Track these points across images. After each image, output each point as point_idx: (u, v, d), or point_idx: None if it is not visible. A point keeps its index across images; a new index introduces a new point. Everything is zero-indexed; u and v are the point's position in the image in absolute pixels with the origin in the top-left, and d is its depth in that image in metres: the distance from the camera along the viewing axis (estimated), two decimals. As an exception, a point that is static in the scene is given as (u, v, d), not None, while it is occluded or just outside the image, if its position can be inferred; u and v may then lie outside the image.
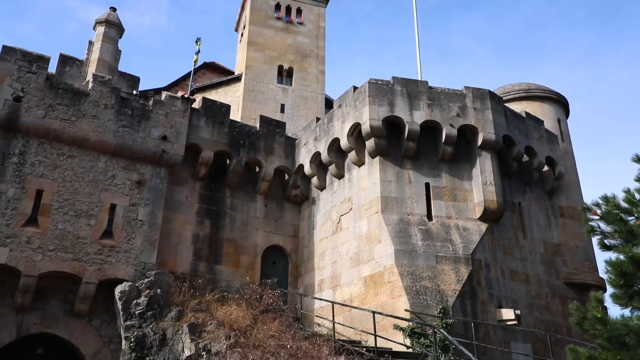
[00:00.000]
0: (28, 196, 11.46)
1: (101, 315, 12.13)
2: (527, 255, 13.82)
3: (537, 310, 13.15)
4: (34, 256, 11.09)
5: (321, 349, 9.10)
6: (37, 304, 11.55)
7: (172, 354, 10.45)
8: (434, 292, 11.46)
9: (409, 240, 12.19)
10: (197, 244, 14.09)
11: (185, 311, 11.29)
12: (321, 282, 14.22)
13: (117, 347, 11.79)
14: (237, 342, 10.23)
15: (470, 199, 13.06)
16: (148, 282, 11.57)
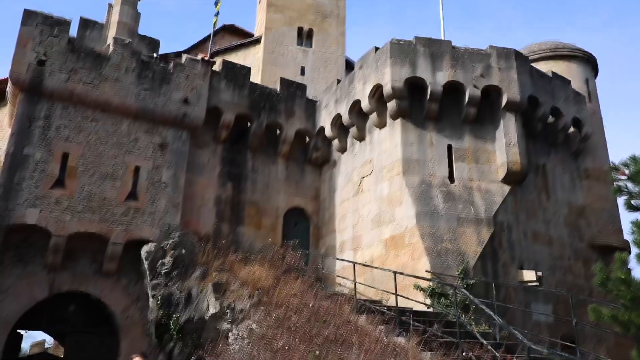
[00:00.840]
0: (55, 159, 11.69)
1: (129, 274, 12.49)
2: (551, 218, 13.70)
3: (559, 272, 13.12)
4: (63, 217, 11.39)
5: (342, 307, 9.25)
6: (67, 263, 11.93)
7: (198, 312, 10.75)
8: (455, 254, 11.50)
9: (431, 202, 12.17)
10: (219, 206, 14.29)
11: (210, 271, 11.54)
12: (342, 243, 14.35)
13: (144, 304, 12.18)
14: (260, 300, 10.46)
15: (493, 161, 12.90)
16: (173, 242, 11.82)
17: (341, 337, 7.80)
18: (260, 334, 8.86)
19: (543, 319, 11.93)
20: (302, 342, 7.80)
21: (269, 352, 8.00)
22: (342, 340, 7.75)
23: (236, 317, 10.42)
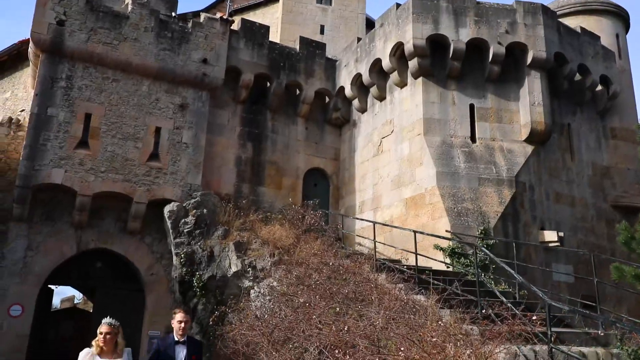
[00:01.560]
0: (77, 120, 11.82)
1: (152, 233, 12.77)
2: (574, 178, 13.49)
3: (581, 232, 13.01)
4: (87, 177, 11.61)
5: (362, 266, 9.36)
6: (93, 221, 12.23)
7: (220, 270, 10.98)
8: (475, 214, 11.46)
9: (451, 163, 12.06)
10: (240, 166, 14.38)
11: (231, 230, 11.72)
12: (362, 203, 14.39)
13: (168, 262, 12.49)
14: (281, 259, 10.63)
15: (517, 121, 12.66)
16: (195, 202, 11.98)
17: (361, 295, 7.91)
18: (281, 291, 9.03)
19: (563, 279, 11.92)
20: (323, 299, 7.93)
21: (290, 308, 8.16)
22: (361, 297, 7.85)
23: (257, 275, 10.64)
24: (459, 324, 6.23)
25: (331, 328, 6.89)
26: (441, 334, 5.51)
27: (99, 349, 5.08)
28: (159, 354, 5.51)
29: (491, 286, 7.75)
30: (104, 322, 5.22)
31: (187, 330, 5.66)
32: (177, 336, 5.58)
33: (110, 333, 5.13)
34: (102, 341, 5.06)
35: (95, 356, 5.05)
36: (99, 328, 5.20)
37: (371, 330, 6.47)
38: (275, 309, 8.43)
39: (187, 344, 5.58)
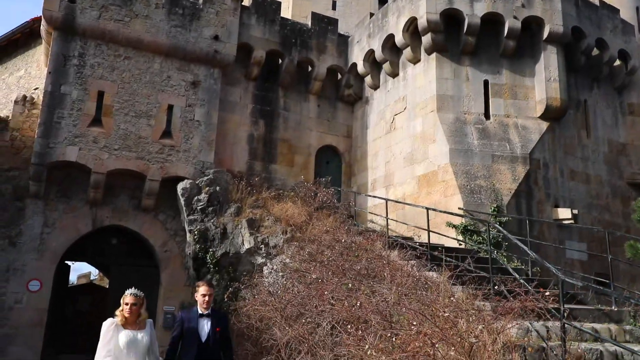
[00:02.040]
0: (90, 97, 11.86)
1: (166, 210, 12.89)
2: (590, 155, 13.32)
3: (595, 210, 12.89)
4: (101, 154, 11.69)
5: (374, 243, 9.38)
6: (108, 199, 12.37)
7: (233, 247, 11.08)
8: (488, 191, 11.39)
9: (465, 140, 11.96)
10: (252, 144, 14.40)
11: (244, 207, 11.78)
12: (374, 181, 14.37)
13: (182, 239, 12.62)
14: (294, 236, 10.68)
15: (532, 97, 12.48)
16: (207, 179, 12.04)
17: (373, 271, 7.96)
18: (294, 267, 9.11)
19: (576, 257, 11.87)
20: (335, 276, 7.99)
21: (302, 284, 8.24)
22: (374, 274, 7.90)
23: (270, 252, 10.72)
24: (471, 300, 6.25)
25: (343, 304, 6.95)
26: (453, 310, 5.54)
27: (123, 320, 5.01)
28: (183, 327, 5.41)
29: (504, 263, 7.74)
30: (129, 293, 5.13)
31: (210, 303, 5.52)
32: (201, 309, 5.47)
33: (135, 304, 5.07)
34: (128, 311, 4.98)
35: (119, 327, 4.96)
36: (122, 298, 5.12)
37: (383, 306, 6.52)
38: (288, 285, 8.52)
39: (211, 316, 5.48)
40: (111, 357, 4.74)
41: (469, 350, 4.77)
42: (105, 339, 4.83)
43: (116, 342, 4.82)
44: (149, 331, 5.11)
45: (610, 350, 5.53)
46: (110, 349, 4.79)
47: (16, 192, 11.79)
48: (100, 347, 4.81)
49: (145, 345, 4.97)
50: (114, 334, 4.86)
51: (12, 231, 11.59)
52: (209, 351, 5.30)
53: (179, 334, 5.39)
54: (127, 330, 4.92)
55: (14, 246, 11.55)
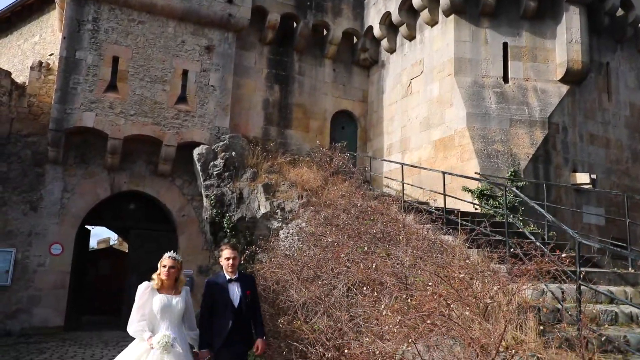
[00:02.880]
0: (105, 63, 11.86)
1: (182, 175, 13.01)
2: (610, 119, 13.05)
3: (614, 175, 12.71)
4: (117, 120, 11.77)
5: (390, 207, 9.39)
6: (125, 164, 12.51)
7: (249, 211, 11.18)
8: (505, 156, 11.28)
9: (482, 104, 11.78)
10: (267, 109, 14.36)
11: (259, 172, 11.83)
12: (390, 146, 14.29)
13: (198, 204, 12.77)
14: (309, 201, 10.73)
15: (552, 60, 12.18)
16: (223, 145, 12.08)
17: (388, 235, 7.98)
18: (310, 231, 9.18)
19: (594, 221, 11.79)
20: (351, 239, 8.03)
21: (318, 247, 8.31)
22: (389, 237, 7.93)
23: (286, 217, 10.81)
24: (486, 263, 6.26)
25: (359, 266, 7.01)
26: (469, 272, 5.56)
27: (159, 284, 4.77)
28: (212, 294, 5.13)
29: (520, 225, 7.71)
30: (167, 256, 4.91)
31: (236, 266, 5.26)
32: (228, 274, 5.21)
33: (173, 267, 4.82)
34: (165, 274, 4.75)
35: (154, 291, 4.73)
36: (160, 261, 4.90)
37: (399, 268, 6.57)
38: (304, 248, 8.60)
39: (239, 280, 5.24)
40: (145, 322, 4.58)
41: (483, 311, 4.81)
42: (140, 302, 4.67)
43: (150, 307, 4.64)
44: (185, 297, 4.88)
45: (625, 311, 5.54)
46: (144, 313, 4.62)
47: (35, 157, 11.98)
48: (135, 310, 4.66)
49: (179, 311, 4.76)
50: (148, 298, 4.68)
51: (33, 196, 11.83)
52: (243, 316, 5.12)
53: (209, 302, 5.11)
54: (162, 294, 4.73)
55: (35, 211, 11.80)
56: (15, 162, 11.86)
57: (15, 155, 11.89)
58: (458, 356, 4.52)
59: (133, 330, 4.58)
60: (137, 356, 4.43)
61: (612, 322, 5.38)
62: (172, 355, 4.40)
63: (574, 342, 4.46)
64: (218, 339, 4.92)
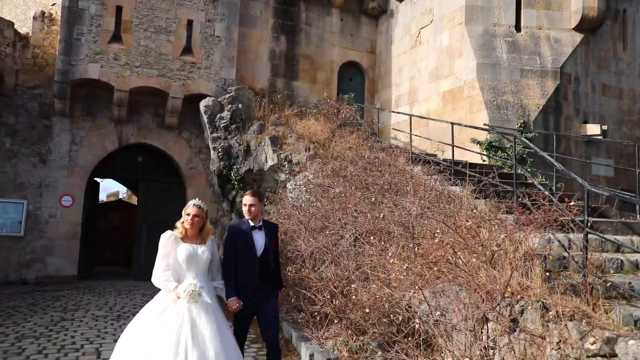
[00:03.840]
0: (109, 12, 11.63)
1: (189, 128, 12.99)
2: (624, 69, 12.75)
3: (626, 126, 12.54)
4: (123, 72, 11.65)
5: (398, 159, 9.36)
6: (132, 117, 12.48)
7: (257, 164, 11.20)
8: (515, 107, 11.12)
9: (493, 54, 11.52)
10: (273, 60, 14.14)
11: (266, 125, 11.77)
12: (398, 98, 14.12)
13: (206, 156, 12.80)
14: (316, 153, 10.71)
15: (567, 7, 11.80)
16: (229, 97, 11.98)
17: (396, 186, 7.99)
18: (317, 182, 9.20)
19: (602, 173, 11.72)
20: (358, 190, 8.06)
21: (325, 199, 8.36)
22: (396, 188, 7.94)
23: (293, 169, 10.82)
24: (494, 213, 6.28)
25: (366, 216, 7.06)
26: (476, 221, 5.58)
27: (183, 233, 4.47)
28: (235, 242, 4.80)
29: (528, 175, 7.68)
30: (192, 204, 4.56)
31: (257, 214, 4.86)
32: (251, 221, 4.85)
33: (197, 215, 4.47)
34: (189, 222, 4.43)
35: (178, 240, 4.43)
36: (184, 209, 4.56)
37: (406, 218, 6.61)
38: (312, 200, 8.66)
39: (264, 228, 4.89)
40: (170, 272, 4.33)
41: (490, 258, 4.86)
42: (164, 251, 4.40)
43: (175, 256, 4.38)
44: (211, 247, 4.60)
45: (631, 259, 5.58)
46: (169, 263, 4.36)
47: (42, 109, 11.97)
48: (159, 260, 4.39)
49: (205, 261, 4.49)
50: (172, 247, 4.40)
51: (41, 148, 11.89)
52: (269, 264, 4.84)
53: (232, 250, 4.80)
54: (186, 244, 4.43)
55: (44, 163, 11.89)
56: (23, 114, 11.86)
57: (22, 108, 11.87)
58: (464, 302, 4.60)
59: (158, 281, 4.33)
60: (164, 307, 4.22)
61: (617, 269, 5.42)
62: (200, 305, 4.19)
63: (579, 288, 4.51)
64: (243, 288, 4.70)
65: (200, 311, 4.18)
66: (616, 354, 3.58)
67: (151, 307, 4.29)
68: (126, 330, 4.25)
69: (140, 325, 4.18)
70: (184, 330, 4.06)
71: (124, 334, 4.23)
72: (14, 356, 5.97)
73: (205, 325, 4.14)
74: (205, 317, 4.17)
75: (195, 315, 4.15)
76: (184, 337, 4.03)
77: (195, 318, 4.14)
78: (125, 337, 4.17)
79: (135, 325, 4.21)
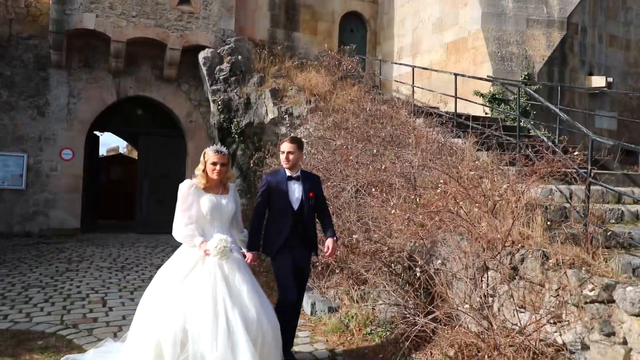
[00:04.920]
0: (103, -41, 11.26)
1: (189, 80, 12.81)
2: (633, 19, 12.45)
3: (631, 78, 12.35)
4: (119, 22, 11.38)
5: (400, 111, 9.26)
6: (130, 69, 12.29)
7: (257, 117, 11.10)
8: (520, 59, 10.92)
9: (499, 3, 11.22)
10: (273, 11, 13.79)
11: (266, 77, 11.59)
12: (400, 49, 13.86)
13: (206, 109, 12.68)
14: (317, 106, 10.59)
15: (576, -47, 11.41)
16: (229, 48, 11.74)
17: (398, 138, 7.94)
18: (319, 135, 9.14)
19: (605, 126, 11.64)
20: (359, 142, 8.01)
21: (327, 151, 8.32)
22: (398, 141, 7.89)
23: (294, 122, 10.73)
24: (496, 164, 6.26)
25: (368, 168, 7.04)
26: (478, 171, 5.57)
27: (204, 182, 4.00)
28: (269, 192, 4.38)
29: (532, 127, 7.62)
30: (214, 150, 4.05)
31: (296, 162, 4.42)
32: (288, 170, 4.42)
33: (224, 164, 4.02)
34: (218, 173, 3.97)
35: (199, 190, 3.98)
36: (204, 157, 4.05)
37: (408, 170, 6.59)
38: (313, 152, 8.62)
39: (302, 179, 4.45)
40: (193, 225, 3.90)
41: (492, 208, 4.87)
42: (185, 203, 3.94)
43: (198, 208, 3.94)
44: (234, 196, 4.20)
45: (631, 210, 5.60)
46: (191, 215, 3.93)
47: (38, 61, 11.76)
48: (180, 213, 3.94)
49: (230, 212, 4.09)
50: (194, 199, 3.95)
51: (39, 101, 11.76)
52: (303, 220, 4.41)
53: (264, 201, 4.40)
54: (209, 194, 4.00)
55: (43, 116, 11.79)
56: (19, 65, 11.66)
57: (17, 59, 11.67)
58: (465, 251, 4.64)
59: (181, 236, 3.90)
60: (191, 265, 3.82)
61: (618, 220, 5.45)
62: (231, 262, 3.82)
63: (579, 238, 4.54)
64: (274, 243, 4.34)
65: (233, 268, 3.82)
66: (614, 300, 3.63)
67: (175, 265, 3.89)
68: (149, 291, 3.84)
69: (167, 285, 3.77)
70: (220, 289, 3.68)
71: (147, 296, 3.82)
72: (22, 304, 6.09)
73: (241, 283, 3.79)
74: (239, 274, 3.83)
75: (227, 273, 3.78)
76: (221, 296, 3.65)
77: (228, 275, 3.78)
78: (151, 299, 3.77)
79: (161, 286, 3.80)
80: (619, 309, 3.58)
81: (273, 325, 3.81)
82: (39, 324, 5.35)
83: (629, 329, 3.48)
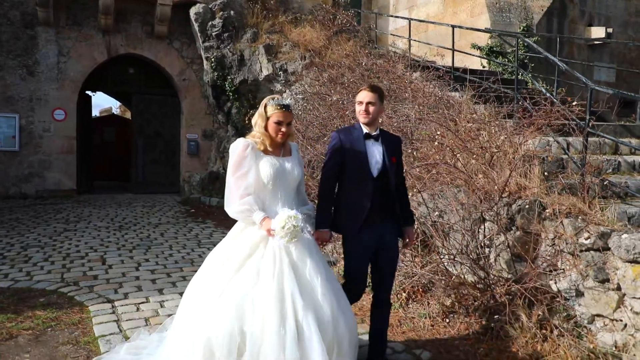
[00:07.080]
0: None
1: (180, 37, 12.53)
2: (635, -33, 12.16)
3: (632, 29, 12.14)
4: (107, -24, 11.03)
5: (396, 65, 9.12)
6: (120, 25, 11.99)
7: (251, 74, 10.93)
8: (518, 9, 10.70)
9: (498, -48, 10.90)
10: (265, -37, 13.35)
11: (260, 33, 11.36)
12: (396, 2, 13.55)
13: (199, 67, 12.46)
14: (312, 62, 10.44)
15: None
16: (221, 3, 11.43)
17: (394, 93, 7.84)
18: (314, 91, 9.03)
19: (604, 78, 11.52)
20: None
21: (323, 107, 8.23)
22: (395, 95, 7.80)
23: (289, 79, 10.59)
24: (494, 117, 6.20)
25: (364, 123, 6.97)
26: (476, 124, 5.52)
27: (263, 144, 3.12)
28: (342, 152, 3.35)
29: (530, 79, 7.53)
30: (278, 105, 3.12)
31: (377, 117, 3.39)
32: (365, 127, 3.39)
33: (290, 123, 3.16)
34: (282, 135, 3.11)
35: (257, 152, 3.08)
36: (266, 111, 3.13)
37: (405, 123, 6.54)
38: (309, 108, 8.53)
39: (381, 139, 3.43)
40: (252, 197, 3.05)
41: (489, 160, 4.85)
42: (241, 170, 3.07)
43: (256, 175, 3.08)
44: (298, 159, 3.31)
45: (628, 161, 5.60)
46: (249, 185, 3.07)
47: (25, 19, 11.45)
48: (233, 181, 3.10)
49: (296, 179, 3.22)
50: (251, 163, 3.07)
51: (28, 60, 11.52)
52: (387, 189, 3.43)
53: (336, 164, 3.37)
54: (270, 156, 3.12)
55: (32, 76, 11.57)
56: (5, 24, 11.35)
57: (3, 17, 11.34)
58: (462, 202, 4.65)
59: (236, 211, 3.07)
60: (252, 247, 3.03)
61: (614, 170, 5.46)
62: (300, 244, 3.00)
63: (576, 188, 4.55)
64: (351, 220, 3.36)
65: (303, 253, 3.01)
66: (609, 247, 3.66)
67: (230, 249, 3.11)
68: (197, 280, 3.12)
69: (220, 274, 3.01)
70: (287, 281, 2.89)
71: (194, 286, 3.10)
72: (21, 263, 6.12)
73: (314, 272, 2.98)
74: (311, 262, 3.00)
75: (296, 259, 2.99)
76: (289, 290, 2.86)
77: (297, 262, 2.98)
78: (199, 291, 3.04)
79: (212, 275, 3.05)
80: (613, 256, 3.61)
81: (350, 327, 3.00)
82: (39, 282, 5.39)
83: (623, 275, 3.52)
